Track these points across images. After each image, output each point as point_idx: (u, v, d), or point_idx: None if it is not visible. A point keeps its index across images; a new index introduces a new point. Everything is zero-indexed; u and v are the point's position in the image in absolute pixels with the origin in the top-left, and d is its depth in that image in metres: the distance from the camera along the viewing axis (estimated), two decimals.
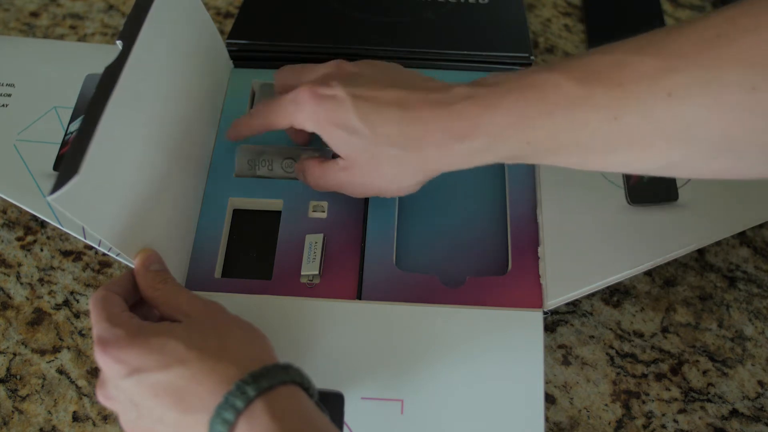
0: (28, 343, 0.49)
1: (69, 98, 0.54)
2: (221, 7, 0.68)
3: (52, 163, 0.50)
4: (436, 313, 0.45)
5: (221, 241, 0.48)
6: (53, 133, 0.52)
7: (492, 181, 0.51)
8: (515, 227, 0.48)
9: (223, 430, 0.33)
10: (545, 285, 0.45)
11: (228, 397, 0.34)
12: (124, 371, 0.36)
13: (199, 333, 0.37)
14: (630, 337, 0.49)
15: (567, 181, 0.49)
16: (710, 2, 0.68)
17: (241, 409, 0.34)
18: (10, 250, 0.53)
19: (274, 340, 0.39)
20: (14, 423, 0.46)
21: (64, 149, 0.51)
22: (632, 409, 0.46)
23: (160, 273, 0.42)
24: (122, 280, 0.41)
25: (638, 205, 0.48)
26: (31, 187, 0.49)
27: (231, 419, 0.33)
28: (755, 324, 0.49)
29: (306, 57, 0.56)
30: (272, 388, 0.35)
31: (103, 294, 0.40)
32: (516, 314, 0.45)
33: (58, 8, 0.68)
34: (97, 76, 0.42)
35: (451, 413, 0.42)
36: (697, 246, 0.47)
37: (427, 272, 0.47)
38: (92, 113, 0.39)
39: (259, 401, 0.34)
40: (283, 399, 0.35)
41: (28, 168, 0.50)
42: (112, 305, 0.39)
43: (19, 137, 0.52)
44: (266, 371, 0.35)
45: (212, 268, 0.47)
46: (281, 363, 0.36)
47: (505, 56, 0.55)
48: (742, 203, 0.48)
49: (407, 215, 0.50)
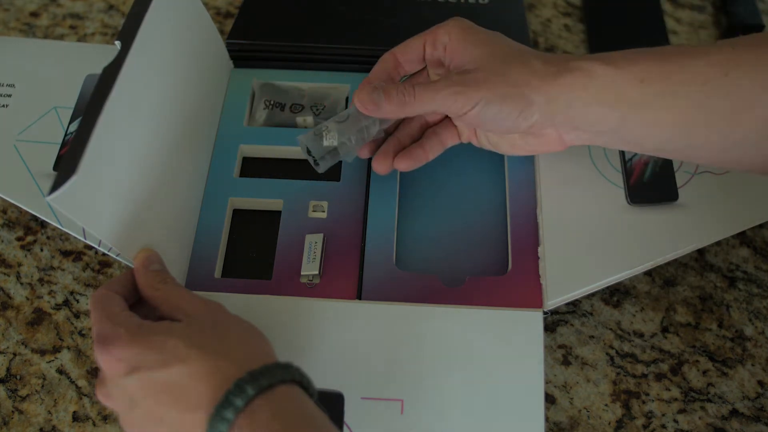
0: (28, 343, 0.49)
1: (69, 98, 0.54)
2: (221, 7, 0.68)
3: (52, 163, 0.50)
4: (436, 313, 0.45)
5: (221, 241, 0.48)
6: (53, 133, 0.52)
7: (492, 181, 0.51)
8: (515, 227, 0.48)
9: (223, 429, 0.33)
10: (545, 285, 0.45)
11: (228, 395, 0.34)
12: (124, 370, 0.36)
13: (199, 332, 0.37)
14: (630, 337, 0.49)
15: (567, 181, 0.49)
16: (710, 2, 0.68)
17: (240, 408, 0.34)
18: (10, 250, 0.53)
19: (274, 340, 0.39)
20: (14, 423, 0.46)
21: (64, 150, 0.51)
22: (632, 409, 0.46)
23: (159, 273, 0.42)
24: (122, 279, 0.41)
25: (638, 205, 0.48)
26: (31, 187, 0.49)
27: (231, 418, 0.33)
28: (755, 324, 0.49)
29: (306, 57, 0.57)
30: (272, 387, 0.35)
31: (103, 293, 0.40)
32: (516, 314, 0.45)
33: (58, 8, 0.68)
34: (97, 76, 0.42)
35: (451, 413, 0.42)
36: (697, 246, 0.47)
37: (427, 272, 0.47)
38: (90, 113, 0.39)
39: (258, 400, 0.34)
40: (283, 398, 0.35)
41: (28, 168, 0.50)
42: (112, 304, 0.39)
43: (19, 137, 0.52)
44: (266, 370, 0.35)
45: (212, 268, 0.47)
46: (281, 362, 0.36)
47: None
48: (742, 203, 0.48)
49: (407, 215, 0.50)
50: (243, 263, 0.48)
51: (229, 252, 0.49)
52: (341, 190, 0.50)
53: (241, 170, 0.52)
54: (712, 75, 0.39)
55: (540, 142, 0.45)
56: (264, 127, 0.54)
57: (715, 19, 0.67)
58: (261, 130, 0.53)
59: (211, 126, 0.52)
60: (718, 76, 0.39)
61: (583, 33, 0.66)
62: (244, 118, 0.54)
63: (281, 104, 0.55)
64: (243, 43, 0.57)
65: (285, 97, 0.55)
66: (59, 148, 0.51)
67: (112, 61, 0.42)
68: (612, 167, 0.50)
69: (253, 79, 0.56)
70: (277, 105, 0.54)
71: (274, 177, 0.51)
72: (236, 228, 0.50)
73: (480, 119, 0.42)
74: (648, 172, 0.50)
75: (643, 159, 0.50)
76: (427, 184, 0.52)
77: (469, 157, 0.52)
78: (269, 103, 0.55)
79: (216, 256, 0.48)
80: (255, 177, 0.51)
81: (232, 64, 0.56)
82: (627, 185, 0.49)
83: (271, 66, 0.56)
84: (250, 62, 0.56)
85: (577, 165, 0.50)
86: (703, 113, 0.39)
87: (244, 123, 0.54)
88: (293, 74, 0.56)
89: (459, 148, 0.49)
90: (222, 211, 0.49)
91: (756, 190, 0.49)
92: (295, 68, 0.56)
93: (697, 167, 0.50)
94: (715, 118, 0.39)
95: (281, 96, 0.55)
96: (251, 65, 0.56)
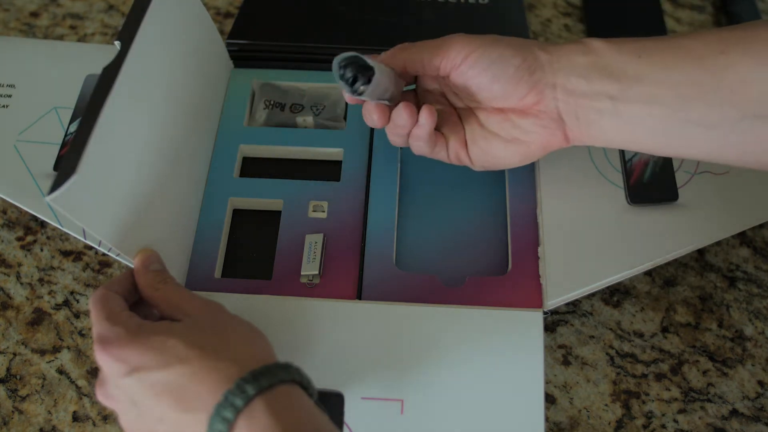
0: (28, 343, 0.49)
1: (69, 99, 0.54)
2: (221, 7, 0.68)
3: (52, 163, 0.50)
4: (436, 313, 0.45)
5: (221, 241, 0.48)
6: (53, 133, 0.52)
7: (492, 181, 0.51)
8: (515, 227, 0.48)
9: (222, 429, 0.33)
10: (545, 285, 0.45)
11: (228, 395, 0.34)
12: (123, 370, 0.36)
13: (199, 332, 0.37)
14: (630, 337, 0.49)
15: (567, 181, 0.49)
16: (710, 2, 0.68)
17: (240, 408, 0.34)
18: (10, 250, 0.53)
19: (274, 340, 0.39)
20: (14, 423, 0.46)
21: (64, 150, 0.51)
22: (632, 409, 0.46)
23: (159, 272, 0.42)
24: (122, 279, 0.41)
25: (638, 205, 0.48)
26: (31, 187, 0.49)
27: (231, 418, 0.33)
28: (755, 324, 0.49)
29: (306, 57, 0.57)
30: (272, 387, 0.35)
31: (102, 293, 0.39)
32: (516, 314, 0.45)
33: (58, 8, 0.68)
34: (97, 76, 0.42)
35: (451, 413, 0.42)
36: (697, 246, 0.47)
37: (427, 272, 0.47)
38: (90, 113, 0.39)
39: (258, 400, 0.34)
40: (283, 398, 0.35)
41: (28, 168, 0.50)
42: (112, 304, 0.39)
43: (19, 138, 0.52)
44: (266, 370, 0.35)
45: (212, 268, 0.47)
46: (281, 362, 0.36)
47: None
48: (742, 203, 0.48)
49: (407, 215, 0.50)
50: (243, 263, 0.48)
51: (229, 252, 0.49)
52: (341, 190, 0.50)
53: (241, 170, 0.52)
54: (708, 52, 0.39)
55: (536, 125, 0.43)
56: (264, 127, 0.54)
57: (715, 19, 0.67)
58: (261, 130, 0.53)
59: (211, 126, 0.52)
60: (715, 53, 0.39)
61: (583, 33, 0.66)
62: (244, 118, 0.54)
63: (281, 104, 0.55)
64: (243, 43, 0.57)
65: (285, 97, 0.55)
66: (59, 148, 0.51)
67: (112, 61, 0.42)
68: (612, 167, 0.50)
69: (253, 79, 0.56)
70: (277, 105, 0.54)
71: (274, 177, 0.51)
72: (236, 228, 0.50)
73: (478, 67, 0.42)
74: (648, 172, 0.50)
75: (643, 159, 0.50)
76: (427, 184, 0.52)
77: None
78: (269, 103, 0.55)
79: (216, 256, 0.47)
80: (255, 177, 0.51)
81: (232, 64, 0.56)
82: (627, 185, 0.49)
83: (271, 66, 0.56)
84: (250, 62, 0.56)
85: (577, 165, 0.50)
86: (698, 89, 0.39)
87: (244, 123, 0.54)
88: (293, 74, 0.56)
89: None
90: (222, 211, 0.49)
91: (756, 190, 0.49)
92: (295, 68, 0.56)
93: (697, 167, 0.50)
94: (712, 96, 0.39)
95: (281, 96, 0.55)
96: (251, 65, 0.56)
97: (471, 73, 0.43)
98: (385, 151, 0.51)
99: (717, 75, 0.39)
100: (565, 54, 0.42)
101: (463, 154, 0.46)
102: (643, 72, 0.40)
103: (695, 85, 0.39)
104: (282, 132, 0.53)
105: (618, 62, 0.41)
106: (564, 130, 0.43)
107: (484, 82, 0.43)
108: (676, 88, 0.40)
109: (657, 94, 0.40)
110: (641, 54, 0.40)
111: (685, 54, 0.40)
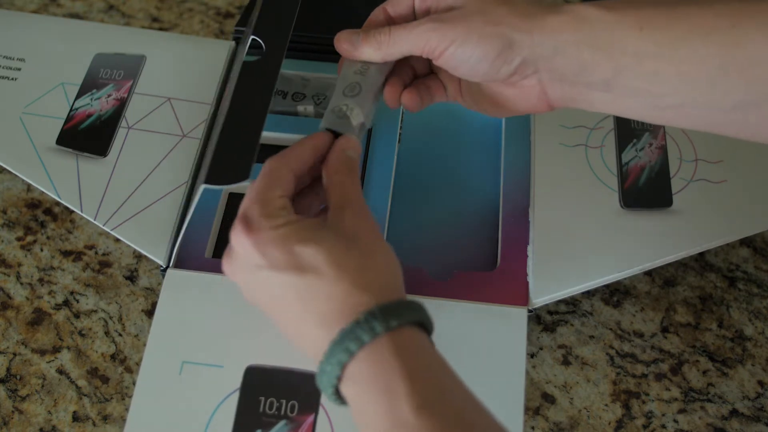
0: (28, 343, 0.49)
1: (77, 75, 0.55)
2: (221, 7, 0.68)
3: (55, 137, 0.52)
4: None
5: (215, 221, 0.49)
6: (59, 108, 0.53)
7: (487, 178, 0.52)
8: (507, 225, 0.48)
9: (343, 359, 0.33)
10: (532, 283, 0.46)
11: (355, 327, 0.33)
12: (255, 261, 0.36)
13: (344, 249, 0.36)
14: (630, 337, 0.49)
15: (562, 182, 0.49)
16: None
17: (365, 343, 0.33)
18: (10, 250, 0.53)
19: (261, 319, 0.39)
20: (14, 423, 0.46)
21: (68, 124, 0.52)
22: (632, 409, 0.46)
23: (354, 160, 0.40)
24: (302, 154, 0.40)
25: (631, 209, 0.48)
26: (33, 159, 0.50)
27: (354, 350, 0.33)
28: (755, 324, 0.49)
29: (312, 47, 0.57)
30: (400, 327, 0.34)
31: (274, 166, 0.38)
32: (500, 310, 0.45)
33: (58, 8, 0.68)
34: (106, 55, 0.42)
35: None
36: (688, 253, 0.47)
37: (416, 264, 0.47)
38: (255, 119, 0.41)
39: (384, 338, 0.33)
40: (407, 339, 0.34)
41: (31, 140, 0.51)
42: (276, 185, 0.38)
43: (25, 110, 0.53)
44: (396, 308, 0.34)
45: (203, 247, 0.48)
46: (411, 301, 0.36)
47: None
48: (737, 212, 0.48)
49: (400, 206, 0.50)
50: None
51: (222, 233, 0.49)
52: None
53: None
54: (718, 25, 0.36)
55: (521, 97, 0.42)
56: None
57: None
58: None
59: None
60: (725, 26, 0.36)
61: None
62: None
63: (283, 92, 0.55)
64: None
65: (288, 86, 0.55)
66: (63, 122, 0.52)
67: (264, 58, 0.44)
68: (608, 170, 0.50)
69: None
70: (279, 92, 0.55)
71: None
72: (231, 210, 0.50)
73: (456, 60, 0.40)
74: (644, 176, 0.50)
75: (639, 163, 0.50)
76: (421, 177, 0.52)
77: (465, 153, 0.53)
78: None
79: (208, 237, 0.48)
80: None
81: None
82: (621, 189, 0.49)
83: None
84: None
85: (572, 166, 0.50)
86: (706, 66, 0.36)
87: None
88: (298, 64, 0.56)
89: (456, 143, 0.49)
90: (218, 193, 0.50)
91: (751, 199, 0.49)
92: (300, 58, 0.56)
93: (694, 174, 0.50)
94: (720, 73, 0.36)
95: (284, 84, 0.56)
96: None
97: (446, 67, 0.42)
98: (382, 140, 0.52)
99: (726, 52, 0.36)
100: (550, 33, 0.38)
101: (461, 100, 0.46)
102: (645, 49, 0.37)
103: (701, 62, 0.36)
104: (281, 119, 0.53)
105: (616, 36, 0.37)
106: (549, 98, 0.41)
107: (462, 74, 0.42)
108: (679, 66, 0.37)
109: (658, 72, 0.37)
110: (643, 26, 0.37)
111: (693, 26, 0.36)
